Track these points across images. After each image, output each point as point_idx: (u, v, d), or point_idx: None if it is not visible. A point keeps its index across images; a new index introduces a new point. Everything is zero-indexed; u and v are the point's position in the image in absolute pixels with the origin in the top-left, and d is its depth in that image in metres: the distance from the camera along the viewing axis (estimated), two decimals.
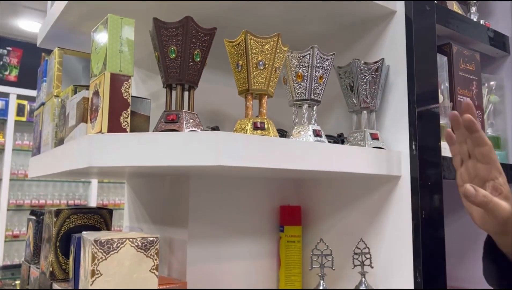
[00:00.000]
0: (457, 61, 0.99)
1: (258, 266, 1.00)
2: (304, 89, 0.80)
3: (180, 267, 0.92)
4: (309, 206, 1.05)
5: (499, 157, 1.07)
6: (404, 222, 0.83)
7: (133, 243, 0.65)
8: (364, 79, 0.86)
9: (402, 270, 0.83)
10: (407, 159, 0.85)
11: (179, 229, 0.94)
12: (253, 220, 1.01)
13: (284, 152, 0.69)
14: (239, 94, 0.75)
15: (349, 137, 0.89)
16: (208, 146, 0.61)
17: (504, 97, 1.13)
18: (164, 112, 0.67)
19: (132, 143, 0.62)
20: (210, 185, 0.95)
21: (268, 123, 0.72)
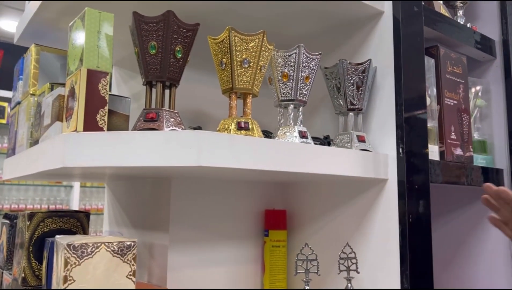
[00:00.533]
0: (444, 63, 0.99)
1: (241, 272, 0.97)
2: (290, 89, 0.77)
3: (161, 272, 0.89)
4: (295, 210, 1.03)
5: (485, 161, 1.07)
6: (391, 226, 0.81)
7: (109, 247, 0.61)
8: (351, 80, 0.84)
9: (388, 275, 0.81)
10: (394, 162, 0.83)
11: (160, 234, 0.90)
12: (236, 224, 0.98)
13: (268, 153, 0.66)
14: (223, 93, 0.73)
15: (335, 139, 0.87)
16: (189, 146, 0.59)
17: (491, 101, 1.12)
18: (143, 110, 0.64)
19: (109, 142, 0.59)
20: (192, 188, 0.92)
21: (252, 123, 0.70)
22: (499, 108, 1.12)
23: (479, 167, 1.01)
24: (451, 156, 0.96)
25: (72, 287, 0.58)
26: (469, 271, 1.11)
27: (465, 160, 0.99)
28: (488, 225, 1.10)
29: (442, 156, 0.95)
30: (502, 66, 1.12)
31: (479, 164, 1.04)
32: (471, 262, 1.12)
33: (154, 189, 0.95)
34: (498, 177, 1.06)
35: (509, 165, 1.08)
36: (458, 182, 0.94)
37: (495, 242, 1.08)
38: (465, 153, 0.99)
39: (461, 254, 1.14)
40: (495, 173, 1.06)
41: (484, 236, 1.10)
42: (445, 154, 0.95)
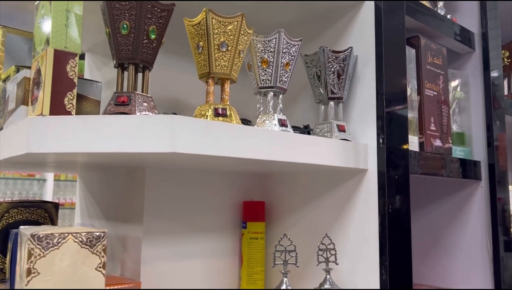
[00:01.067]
0: (425, 54, 0.98)
1: (218, 265, 0.95)
2: (270, 76, 0.75)
3: (134, 266, 0.85)
4: (273, 202, 1.01)
5: (463, 153, 1.07)
6: (370, 217, 0.80)
7: (77, 238, 0.58)
8: (332, 68, 0.82)
9: (367, 267, 0.80)
10: (374, 152, 0.82)
11: (134, 226, 0.87)
12: (213, 216, 0.95)
13: (247, 141, 0.64)
14: (200, 78, 0.70)
15: (315, 128, 0.85)
16: (162, 131, 0.56)
17: (469, 93, 1.12)
18: (114, 94, 0.61)
19: (76, 127, 0.56)
20: (167, 178, 0.89)
21: (230, 110, 0.67)
22: (477, 100, 1.12)
23: (457, 159, 1.01)
24: (431, 147, 0.95)
25: (36, 281, 0.55)
26: (447, 262, 1.12)
27: (444, 151, 0.98)
28: (465, 216, 1.11)
29: (422, 147, 0.94)
30: (481, 58, 1.12)
31: (457, 156, 1.04)
32: (448, 253, 1.12)
33: (128, 179, 0.91)
34: (475, 169, 1.07)
35: (487, 157, 1.08)
36: (437, 174, 0.94)
37: (473, 234, 1.08)
38: (444, 145, 0.99)
39: (439, 246, 1.14)
40: (473, 165, 1.06)
41: (462, 228, 1.10)
42: (425, 145, 0.94)
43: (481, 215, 1.07)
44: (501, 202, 1.06)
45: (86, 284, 0.58)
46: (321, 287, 0.76)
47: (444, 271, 1.12)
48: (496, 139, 1.08)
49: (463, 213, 1.11)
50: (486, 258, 1.06)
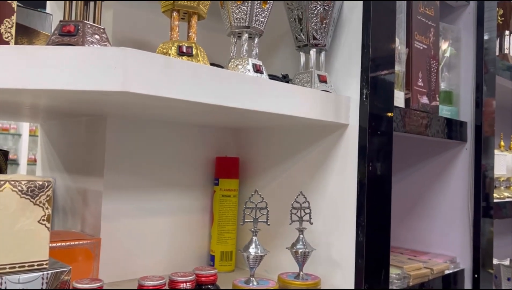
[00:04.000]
0: (416, 3, 0.90)
1: (187, 222, 0.89)
2: (244, 14, 0.67)
3: (95, 221, 0.79)
4: (248, 158, 0.95)
5: (450, 113, 1.02)
6: (349, 175, 0.75)
7: (15, 187, 0.51)
8: (315, 10, 0.74)
9: (343, 227, 0.75)
10: (357, 106, 0.76)
11: (94, 179, 0.80)
12: (183, 171, 0.89)
13: (214, 84, 0.56)
14: (163, 12, 0.61)
15: (294, 78, 0.78)
16: (113, 66, 0.48)
17: (460, 50, 1.06)
18: (59, 23, 0.52)
19: (10, 59, 0.47)
20: (132, 128, 0.82)
21: (197, 49, 0.59)
22: (468, 58, 1.06)
23: (444, 119, 0.96)
24: (417, 104, 0.89)
25: None
26: (425, 225, 1.09)
27: (430, 109, 0.93)
28: (447, 179, 1.07)
29: (407, 104, 0.88)
30: (475, 12, 1.05)
31: (444, 115, 0.98)
32: (428, 216, 1.09)
33: (88, 129, 0.83)
34: (461, 130, 1.02)
35: (474, 118, 1.03)
36: (421, 133, 0.89)
37: (454, 197, 1.05)
38: (431, 103, 0.93)
39: (418, 208, 1.11)
40: (459, 126, 1.01)
41: (443, 190, 1.07)
42: (411, 101, 0.88)
43: (464, 178, 1.04)
44: (485, 166, 1.02)
45: (27, 239, 0.51)
46: (294, 247, 0.71)
47: (422, 234, 1.09)
48: (485, 101, 1.03)
49: (446, 175, 1.07)
50: (466, 223, 1.03)
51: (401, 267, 0.88)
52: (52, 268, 0.53)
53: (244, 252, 0.68)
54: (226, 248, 0.90)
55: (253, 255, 0.67)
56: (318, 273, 0.76)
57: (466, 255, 1.02)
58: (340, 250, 0.75)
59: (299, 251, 0.71)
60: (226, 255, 0.90)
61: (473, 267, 1.00)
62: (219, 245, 0.89)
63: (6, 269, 0.50)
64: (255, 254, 0.67)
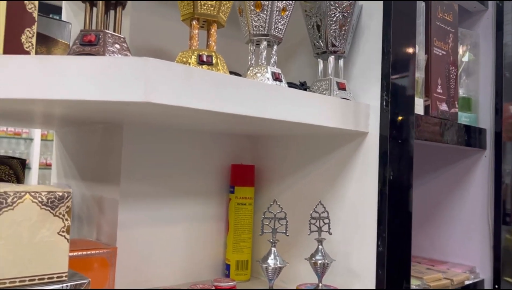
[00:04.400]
0: (435, 9, 0.89)
1: (202, 231, 0.88)
2: (264, 22, 0.66)
3: (111, 230, 0.79)
4: (264, 166, 0.94)
5: (469, 120, 1.00)
6: (369, 184, 0.74)
7: (36, 198, 0.50)
8: (334, 17, 0.73)
9: (363, 237, 0.74)
10: (377, 113, 0.74)
11: (110, 187, 0.80)
12: (199, 178, 0.88)
13: (234, 93, 0.55)
14: (183, 20, 0.61)
15: (313, 86, 0.77)
16: (134, 76, 0.47)
17: (479, 56, 1.04)
18: (80, 32, 0.52)
19: (32, 68, 0.47)
20: (148, 136, 0.81)
21: (217, 58, 0.58)
22: (487, 63, 1.04)
23: (463, 126, 0.94)
24: (436, 111, 0.88)
25: None
26: (444, 233, 1.07)
27: (449, 116, 0.91)
28: (466, 186, 1.05)
29: (427, 111, 0.87)
30: (494, 18, 1.03)
31: (462, 122, 0.96)
32: (446, 224, 1.07)
33: (105, 136, 0.83)
34: (480, 137, 1.00)
35: (493, 125, 1.01)
36: (440, 140, 0.87)
37: (473, 204, 1.03)
38: (450, 110, 0.92)
39: (436, 215, 1.09)
40: (478, 133, 0.99)
41: (462, 197, 1.05)
42: (430, 109, 0.86)
43: (483, 186, 1.02)
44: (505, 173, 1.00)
45: (46, 250, 0.51)
46: (313, 258, 0.70)
47: (440, 243, 1.07)
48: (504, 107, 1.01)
49: (464, 183, 1.05)
50: (485, 231, 1.01)
51: (420, 277, 0.86)
52: (72, 280, 0.52)
53: (262, 263, 0.66)
54: (241, 257, 0.89)
55: (272, 266, 0.66)
56: (337, 284, 0.75)
57: (486, 264, 1.00)
58: (360, 261, 0.74)
59: (318, 262, 0.69)
60: (242, 264, 0.88)
61: (493, 277, 0.98)
62: (234, 254, 0.88)
63: (26, 281, 0.50)
64: (274, 266, 0.66)
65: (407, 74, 0.76)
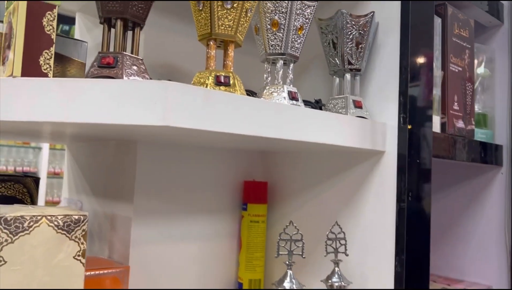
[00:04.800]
0: (452, 25, 0.88)
1: (215, 249, 0.87)
2: (280, 41, 0.65)
3: (123, 248, 0.78)
4: (277, 182, 0.93)
5: (485, 136, 0.98)
6: (387, 204, 0.72)
7: (52, 222, 0.50)
8: (350, 35, 0.73)
9: (381, 259, 0.72)
10: (394, 132, 0.73)
11: (123, 204, 0.79)
12: (211, 196, 0.87)
13: (252, 115, 0.55)
14: (200, 40, 0.60)
15: (328, 103, 0.76)
16: (153, 100, 0.47)
17: (494, 71, 1.03)
18: (98, 54, 0.52)
19: (52, 92, 0.47)
20: (161, 153, 0.80)
21: (234, 78, 0.58)
22: (503, 79, 1.02)
23: (479, 143, 0.92)
24: (453, 128, 0.86)
25: (2, 270, 0.47)
26: (460, 251, 1.05)
27: (466, 133, 0.89)
28: (482, 203, 1.03)
29: (443, 128, 0.85)
30: (510, 32, 1.02)
31: (478, 139, 0.95)
32: (462, 242, 1.05)
33: (118, 153, 0.82)
34: (497, 154, 0.98)
35: (510, 141, 1.00)
36: (457, 158, 0.86)
37: (489, 222, 1.01)
38: (467, 127, 0.90)
39: (452, 231, 1.07)
40: (495, 150, 0.98)
41: (478, 214, 1.03)
42: (447, 126, 0.85)
43: (500, 203, 1.00)
44: None
45: (62, 275, 0.50)
46: (329, 280, 0.68)
47: (456, 261, 1.05)
48: None
49: (481, 200, 1.03)
50: (502, 250, 0.99)
51: None
52: None
53: (278, 286, 0.65)
54: (254, 276, 0.87)
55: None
56: None
57: (503, 284, 0.98)
58: (377, 282, 0.72)
59: (334, 284, 0.68)
60: (255, 283, 0.87)
61: None
62: (247, 273, 0.87)
63: None
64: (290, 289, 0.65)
65: (425, 91, 0.75)
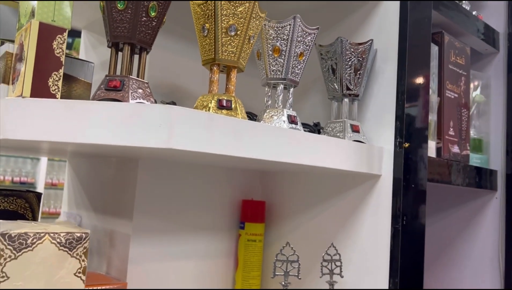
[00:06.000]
0: (448, 52, 0.90)
1: (211, 267, 0.88)
2: (281, 66, 0.68)
3: (121, 265, 0.79)
4: (275, 201, 0.94)
5: (480, 161, 1.00)
6: (382, 227, 0.74)
7: (55, 239, 0.51)
8: (349, 61, 0.75)
9: (375, 281, 0.73)
10: (390, 156, 0.75)
11: (123, 221, 0.80)
12: (209, 214, 0.88)
13: (253, 139, 0.56)
14: (203, 65, 0.62)
15: (326, 127, 0.78)
16: (158, 124, 0.48)
17: (490, 97, 1.05)
18: (105, 77, 0.53)
19: (59, 113, 0.48)
20: (161, 171, 0.82)
21: (236, 102, 0.60)
22: (498, 105, 1.05)
23: (474, 167, 0.94)
24: (448, 153, 0.88)
25: (5, 286, 0.48)
26: (454, 274, 1.06)
27: (461, 159, 0.91)
28: (477, 228, 1.04)
29: (439, 153, 0.87)
30: (506, 60, 1.05)
31: (473, 164, 0.97)
32: (456, 264, 1.06)
33: (119, 170, 0.84)
34: (491, 179, 1.00)
35: (505, 166, 1.01)
36: (452, 182, 0.87)
37: (483, 246, 1.02)
38: (462, 152, 0.92)
39: (446, 256, 1.08)
40: (489, 175, 0.99)
41: (472, 239, 1.04)
42: (442, 151, 0.87)
43: (494, 228, 1.01)
44: None
45: None
46: None
47: (450, 284, 1.06)
48: None
49: (475, 224, 1.04)
50: (496, 274, 1.00)
51: None
52: None
53: None
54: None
55: None
56: None
57: None
58: None
59: None
60: None
61: None
62: None
63: None
64: None
65: (421, 117, 0.77)
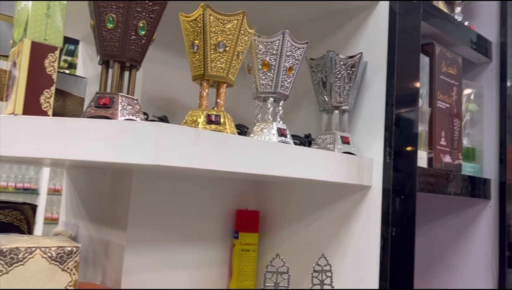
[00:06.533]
0: (439, 63, 0.91)
1: (205, 277, 0.89)
2: (271, 81, 0.69)
3: (115, 274, 0.80)
4: (268, 211, 0.95)
5: (473, 170, 1.01)
6: (372, 238, 0.74)
7: (46, 253, 0.52)
8: (339, 74, 0.76)
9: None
10: (380, 167, 0.76)
11: (117, 231, 0.81)
12: (203, 224, 0.90)
13: (241, 153, 0.58)
14: (193, 80, 0.63)
15: (317, 139, 0.79)
16: (145, 141, 0.50)
17: (483, 106, 1.06)
18: (96, 95, 0.55)
19: (50, 130, 0.50)
20: (156, 182, 0.83)
21: (225, 117, 0.61)
22: (491, 114, 1.05)
23: (466, 177, 0.95)
24: (440, 163, 0.89)
25: None
26: (447, 282, 1.06)
27: (453, 168, 0.92)
28: (471, 236, 1.04)
29: (430, 163, 0.88)
30: (498, 69, 1.06)
31: (466, 173, 0.97)
32: (450, 273, 1.06)
33: (114, 180, 0.85)
34: (485, 188, 1.01)
35: (498, 175, 1.02)
36: (444, 192, 0.88)
37: (477, 255, 1.02)
38: (454, 161, 0.93)
39: (440, 265, 1.08)
40: (483, 183, 1.00)
41: (466, 247, 1.04)
42: (434, 161, 0.88)
43: (488, 236, 1.01)
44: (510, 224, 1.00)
45: None
46: None
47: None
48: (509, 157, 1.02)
49: (469, 233, 1.05)
50: (489, 283, 1.00)
51: None
52: None
53: None
54: None
55: None
56: None
57: None
58: None
59: None
60: None
61: None
62: None
63: None
64: None
65: (410, 128, 0.78)
